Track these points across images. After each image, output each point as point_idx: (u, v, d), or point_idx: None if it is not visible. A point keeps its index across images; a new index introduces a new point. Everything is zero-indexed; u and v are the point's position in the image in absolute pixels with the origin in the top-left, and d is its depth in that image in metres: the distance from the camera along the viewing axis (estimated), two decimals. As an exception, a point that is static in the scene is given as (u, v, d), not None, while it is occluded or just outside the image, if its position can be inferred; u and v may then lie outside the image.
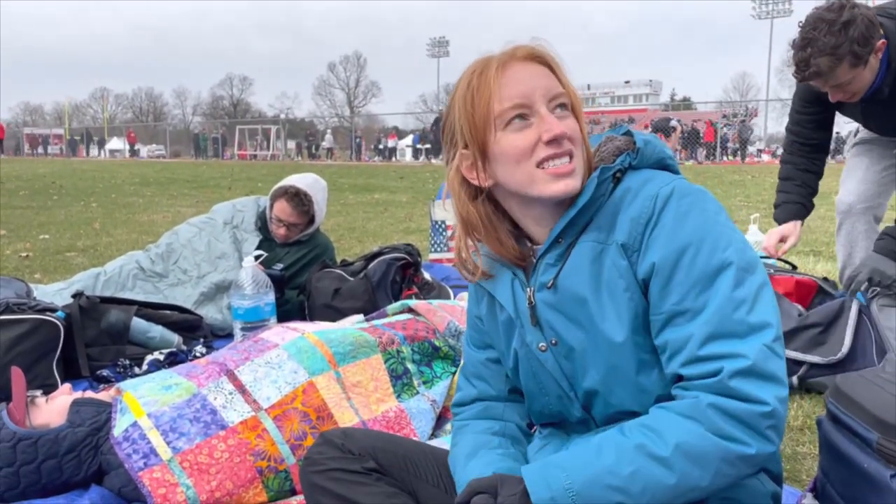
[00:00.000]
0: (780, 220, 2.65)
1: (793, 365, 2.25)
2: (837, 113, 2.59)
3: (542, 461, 0.98)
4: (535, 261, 1.07)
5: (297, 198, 3.11)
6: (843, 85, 2.16)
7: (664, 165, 1.06)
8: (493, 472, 1.03)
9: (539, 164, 1.00)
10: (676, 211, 0.96)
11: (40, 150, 45.26)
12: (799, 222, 2.64)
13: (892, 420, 0.99)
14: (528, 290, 1.07)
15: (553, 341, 1.05)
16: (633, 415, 1.01)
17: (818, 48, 2.08)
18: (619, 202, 1.01)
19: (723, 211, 0.99)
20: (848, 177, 2.74)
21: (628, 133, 1.09)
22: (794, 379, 2.28)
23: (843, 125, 2.96)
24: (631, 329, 0.98)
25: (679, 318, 0.93)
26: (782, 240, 2.61)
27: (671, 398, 0.95)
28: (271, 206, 3.18)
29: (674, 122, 25.38)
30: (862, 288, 2.32)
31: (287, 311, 2.93)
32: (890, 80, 2.18)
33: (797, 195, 2.62)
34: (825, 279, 2.75)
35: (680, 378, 0.93)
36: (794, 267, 3.02)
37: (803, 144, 2.63)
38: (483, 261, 1.12)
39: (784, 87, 47.20)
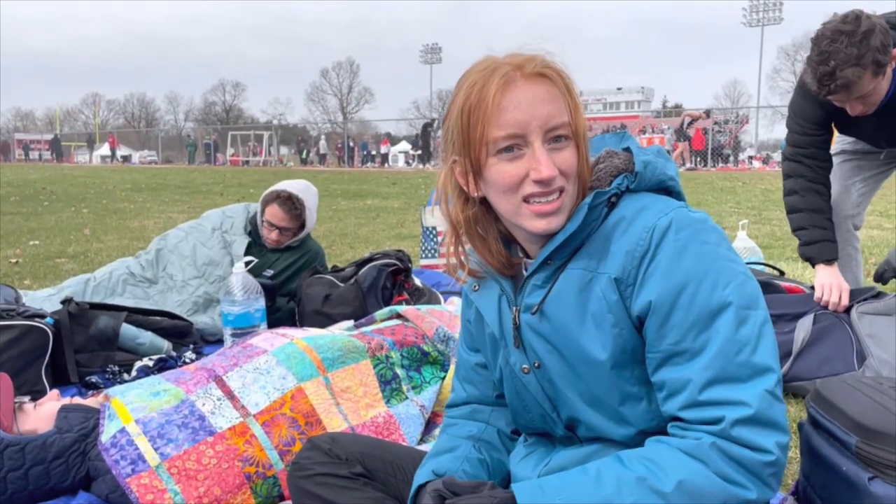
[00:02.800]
0: (820, 259, 2.47)
1: None
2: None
3: (535, 480, 0.95)
4: (524, 274, 1.05)
5: (290, 202, 3.12)
6: (865, 96, 2.15)
7: (665, 188, 1.03)
8: (444, 472, 1.07)
9: (525, 199, 0.97)
10: (674, 245, 0.92)
11: (27, 155, 44.93)
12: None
13: (871, 424, 1.01)
14: (514, 309, 1.06)
15: (536, 364, 1.05)
16: (619, 441, 1.01)
17: (842, 60, 2.06)
18: (612, 231, 0.97)
19: (724, 241, 0.96)
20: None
21: (628, 149, 1.05)
22: None
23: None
24: (614, 362, 0.96)
25: (677, 359, 0.90)
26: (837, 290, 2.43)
27: (658, 432, 0.95)
28: (263, 211, 3.19)
29: (700, 123, 24.14)
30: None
31: (278, 319, 2.94)
32: None
33: (831, 231, 2.45)
34: (812, 287, 2.78)
35: (678, 419, 0.91)
36: (783, 273, 3.04)
37: (820, 167, 2.49)
38: (471, 266, 1.11)
39: (774, 95, 47.45)
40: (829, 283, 2.44)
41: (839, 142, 2.79)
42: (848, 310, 2.33)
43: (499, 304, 1.08)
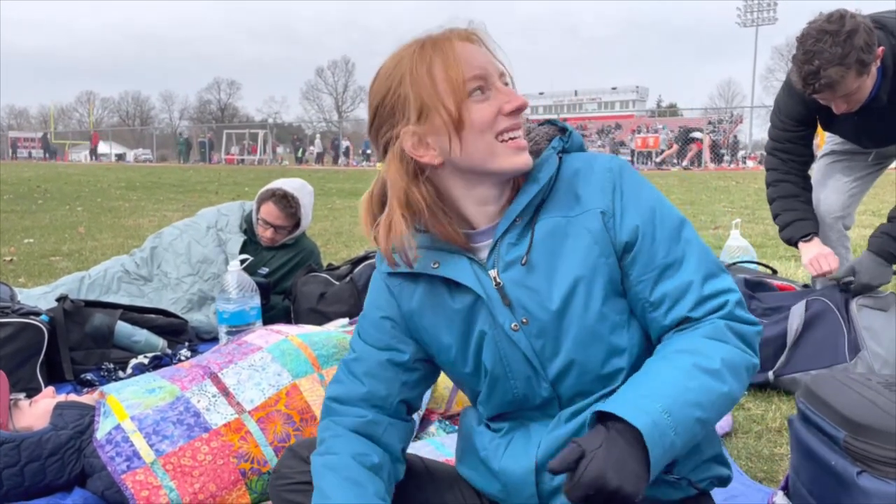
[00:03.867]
0: (796, 237, 2.57)
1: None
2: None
3: (618, 397, 0.96)
4: (489, 243, 1.06)
5: (285, 200, 3.12)
6: (849, 95, 2.17)
7: (583, 151, 1.13)
8: None
9: (498, 136, 1.01)
10: (632, 180, 1.06)
11: (14, 153, 44.62)
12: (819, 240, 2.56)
13: (859, 419, 1.02)
14: (492, 271, 1.06)
15: (524, 320, 1.05)
16: (597, 393, 1.05)
17: (826, 59, 2.08)
18: (574, 179, 1.06)
19: None
20: (819, 187, 2.74)
21: (549, 123, 1.14)
22: (770, 374, 2.33)
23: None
24: (605, 292, 1.02)
25: (669, 271, 1.02)
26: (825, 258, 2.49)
27: (646, 355, 1.03)
28: (258, 209, 3.19)
29: (697, 134, 24.17)
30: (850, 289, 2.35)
31: (273, 318, 2.94)
32: (887, 87, 2.21)
33: (804, 211, 2.57)
34: (804, 285, 2.80)
35: (684, 321, 1.01)
36: (775, 272, 3.06)
37: (795, 161, 2.59)
38: (419, 250, 1.07)
39: (769, 95, 47.66)
40: (813, 256, 2.51)
41: (829, 142, 2.81)
42: (847, 301, 2.34)
43: (473, 270, 1.07)
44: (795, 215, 2.57)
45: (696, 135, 24.05)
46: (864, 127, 2.43)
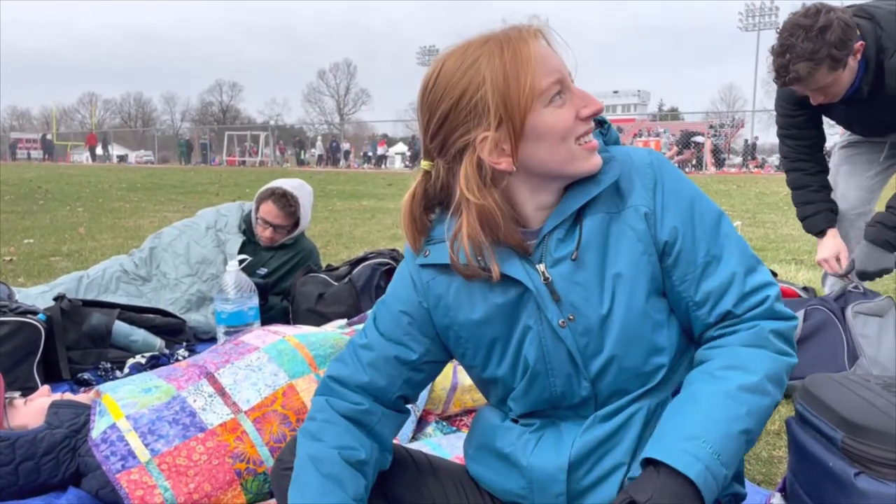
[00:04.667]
0: (816, 230, 2.57)
1: None
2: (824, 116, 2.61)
3: (660, 441, 0.95)
4: (538, 241, 1.05)
5: (284, 199, 3.13)
6: (823, 88, 2.19)
7: (618, 144, 1.12)
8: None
9: (576, 140, 1.01)
10: (671, 175, 1.05)
11: (14, 154, 44.53)
12: (837, 233, 2.57)
13: (857, 420, 1.01)
14: (540, 266, 1.05)
15: (570, 317, 1.04)
16: (634, 392, 1.05)
17: (796, 54, 2.11)
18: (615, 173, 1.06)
19: None
20: (839, 182, 2.72)
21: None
22: None
23: (830, 137, 2.95)
24: (648, 290, 1.03)
25: (711, 267, 1.02)
26: (837, 258, 2.53)
27: (683, 354, 1.06)
28: (257, 209, 3.19)
29: (699, 138, 24.11)
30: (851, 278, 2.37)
31: (271, 319, 2.93)
32: (869, 79, 2.21)
33: (822, 201, 2.57)
34: (805, 288, 2.79)
35: (726, 316, 1.02)
36: (776, 275, 3.06)
37: (802, 146, 2.59)
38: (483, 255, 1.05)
39: (770, 99, 47.56)
40: (824, 256, 2.55)
41: (846, 134, 2.80)
42: (843, 309, 2.34)
43: (523, 266, 1.05)
44: (806, 211, 2.60)
45: (698, 139, 24.06)
46: (854, 116, 2.44)
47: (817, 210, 2.58)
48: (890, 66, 2.16)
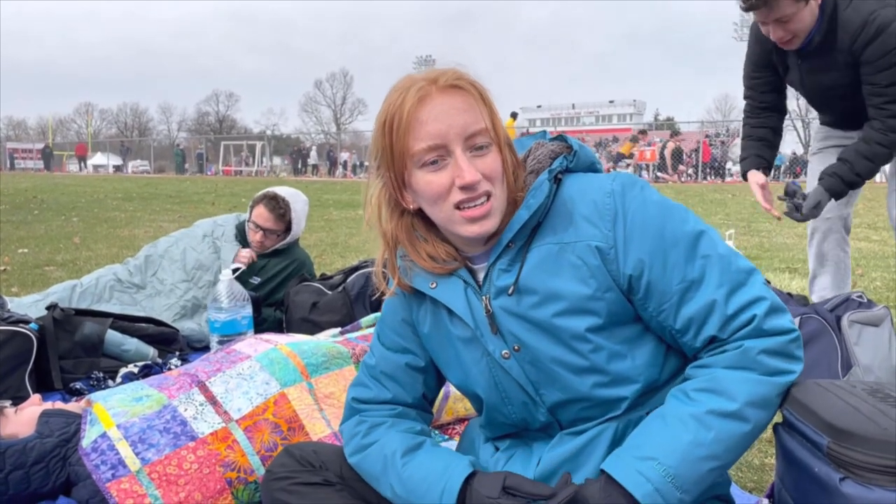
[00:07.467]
0: (743, 172, 2.83)
1: None
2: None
3: (618, 456, 0.97)
4: (484, 265, 1.07)
5: (275, 202, 3.16)
6: (783, 19, 2.27)
7: (594, 169, 1.10)
8: (461, 465, 1.04)
9: (457, 206, 1.01)
10: (638, 200, 1.01)
11: (12, 165, 44.38)
12: (757, 172, 2.80)
13: (842, 425, 1.02)
14: (483, 298, 1.06)
15: (515, 347, 1.05)
16: (598, 419, 1.04)
17: None
18: (572, 202, 1.03)
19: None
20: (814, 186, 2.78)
21: (559, 138, 1.11)
22: None
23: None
24: (602, 324, 1.01)
25: (690, 293, 0.99)
26: (762, 186, 2.75)
27: (667, 383, 1.03)
28: (250, 215, 3.23)
29: (627, 160, 23.66)
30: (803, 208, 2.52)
31: (264, 330, 2.93)
32: (823, 29, 2.31)
33: (755, 149, 2.80)
34: (790, 295, 2.80)
35: (713, 340, 0.99)
36: (768, 282, 3.07)
37: (758, 107, 2.80)
38: (418, 273, 1.10)
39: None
40: (754, 187, 2.75)
41: (825, 137, 2.84)
42: (839, 318, 2.34)
43: (466, 296, 1.08)
44: (744, 154, 2.82)
45: (626, 161, 24.09)
46: (805, 75, 2.52)
47: (747, 155, 2.80)
48: (843, 17, 2.26)
